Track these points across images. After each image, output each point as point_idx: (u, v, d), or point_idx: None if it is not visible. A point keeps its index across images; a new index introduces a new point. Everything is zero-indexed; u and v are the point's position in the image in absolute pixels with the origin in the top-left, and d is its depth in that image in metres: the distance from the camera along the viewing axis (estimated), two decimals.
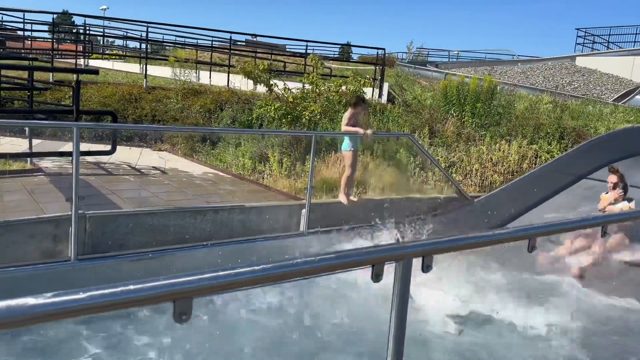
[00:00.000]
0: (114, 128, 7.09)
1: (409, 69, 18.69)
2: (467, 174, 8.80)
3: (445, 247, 1.67)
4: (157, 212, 5.53)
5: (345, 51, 27.71)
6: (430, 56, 29.07)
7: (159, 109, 10.89)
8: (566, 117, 10.72)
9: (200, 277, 1.17)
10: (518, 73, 21.17)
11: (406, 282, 1.57)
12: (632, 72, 21.02)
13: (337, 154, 8.42)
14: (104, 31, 18.73)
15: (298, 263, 1.35)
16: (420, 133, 9.69)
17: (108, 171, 7.95)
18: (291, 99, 9.30)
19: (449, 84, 11.28)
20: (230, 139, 9.34)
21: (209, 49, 17.05)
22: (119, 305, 1.07)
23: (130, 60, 19.47)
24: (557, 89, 17.08)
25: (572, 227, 2.13)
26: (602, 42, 26.56)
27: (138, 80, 13.33)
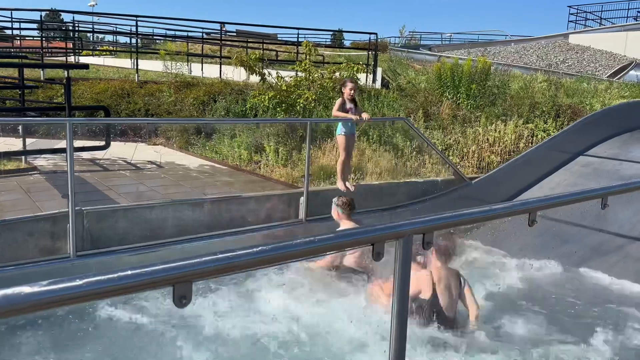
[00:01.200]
0: (107, 122, 7.03)
1: (401, 53, 18.58)
2: (464, 156, 8.79)
3: (445, 222, 1.65)
4: (155, 205, 5.50)
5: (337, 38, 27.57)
6: (423, 39, 28.92)
7: (151, 103, 10.82)
8: (561, 95, 10.69)
9: (199, 261, 1.15)
10: (511, 53, 21.11)
11: (407, 260, 1.55)
12: (626, 48, 20.96)
13: (332, 141, 8.39)
14: (93, 27, 18.54)
15: (299, 244, 1.33)
16: (415, 116, 9.66)
17: (104, 167, 7.91)
18: (285, 87, 9.24)
19: (443, 66, 11.22)
20: (225, 131, 9.29)
21: (199, 40, 16.92)
22: (117, 292, 1.05)
23: (121, 56, 19.31)
24: (551, 68, 17.02)
25: (572, 199, 2.11)
26: (595, 19, 26.47)
27: (129, 75, 13.23)
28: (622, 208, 6.54)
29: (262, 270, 4.42)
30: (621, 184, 2.40)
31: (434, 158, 8.15)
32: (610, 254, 5.95)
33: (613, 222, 6.43)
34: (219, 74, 13.37)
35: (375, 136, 8.69)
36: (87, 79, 12.08)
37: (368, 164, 7.93)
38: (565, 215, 6.54)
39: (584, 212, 6.37)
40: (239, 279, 4.63)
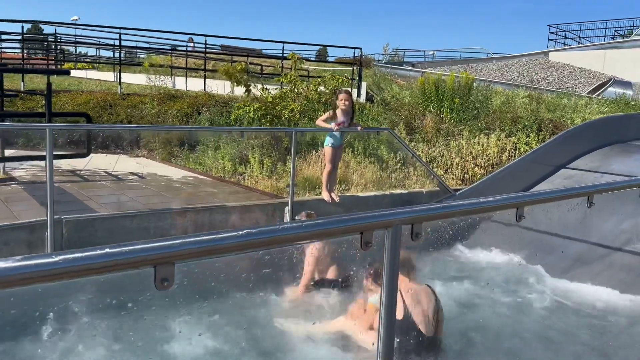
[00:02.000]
0: (88, 129, 6.92)
1: (385, 69, 18.77)
2: (448, 168, 8.84)
3: (435, 214, 1.63)
4: (136, 214, 5.41)
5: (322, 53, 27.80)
6: (407, 56, 29.29)
7: (134, 115, 10.72)
8: (542, 110, 10.86)
9: (183, 242, 1.10)
10: (493, 70, 21.46)
11: (395, 250, 1.52)
12: (604, 65, 21.48)
13: (317, 153, 8.38)
14: (76, 40, 18.41)
15: (285, 228, 1.30)
16: (399, 129, 9.71)
17: (84, 178, 7.77)
18: (270, 99, 9.23)
19: (427, 80, 11.34)
20: (209, 142, 9.23)
21: (183, 54, 16.89)
22: (95, 270, 1.00)
23: (103, 69, 19.18)
24: (532, 84, 17.33)
25: (559, 196, 2.11)
26: (574, 38, 27.13)
27: (112, 87, 13.12)
28: (605, 218, 6.61)
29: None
30: (607, 182, 2.41)
31: (419, 170, 8.18)
32: (593, 263, 5.99)
33: (596, 232, 6.49)
34: (203, 87, 13.33)
35: (360, 148, 8.71)
36: (68, 90, 11.94)
37: (353, 175, 7.92)
38: (550, 226, 6.60)
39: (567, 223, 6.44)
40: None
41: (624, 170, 8.09)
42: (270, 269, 2.89)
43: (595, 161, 9.01)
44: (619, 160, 8.89)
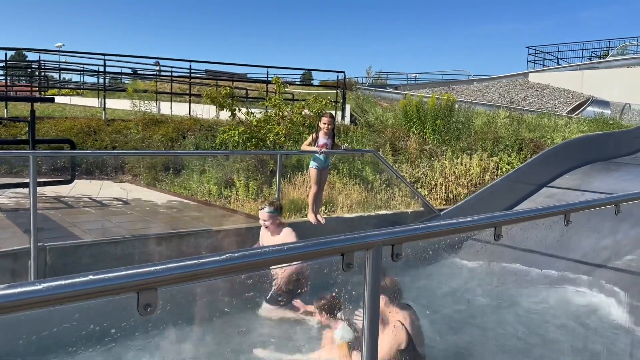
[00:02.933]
0: (71, 156, 6.89)
1: (369, 91, 19.02)
2: (432, 188, 8.93)
3: (415, 234, 1.67)
4: (120, 240, 5.37)
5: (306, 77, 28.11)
6: (389, 79, 29.72)
7: (119, 140, 10.70)
8: (523, 130, 11.07)
9: (165, 267, 1.12)
10: (474, 91, 21.85)
11: (376, 271, 1.55)
12: (582, 86, 22.01)
13: (303, 175, 8.42)
14: (60, 66, 18.42)
15: (267, 252, 1.32)
16: (384, 151, 9.81)
17: (68, 204, 7.70)
18: (255, 123, 9.30)
19: (409, 103, 11.51)
20: (195, 166, 9.23)
21: (168, 79, 16.96)
22: (78, 297, 1.02)
23: (88, 95, 19.18)
24: (513, 104, 17.67)
25: (536, 215, 2.17)
26: (552, 59, 27.79)
27: (96, 113, 13.10)
28: (585, 236, 6.71)
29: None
30: (583, 201, 2.48)
31: (404, 190, 8.25)
32: (577, 280, 6.06)
33: (577, 250, 6.58)
34: (188, 112, 13.37)
35: (345, 169, 8.77)
36: (52, 117, 11.90)
37: (339, 196, 7.96)
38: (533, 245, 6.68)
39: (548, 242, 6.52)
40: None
41: (605, 187, 8.25)
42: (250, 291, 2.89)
43: (576, 179, 9.19)
44: (600, 178, 9.07)
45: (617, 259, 6.31)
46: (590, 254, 6.58)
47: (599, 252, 6.59)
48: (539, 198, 8.53)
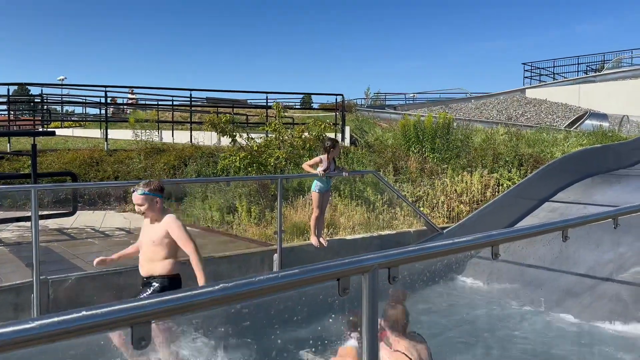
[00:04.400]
0: (73, 188, 6.93)
1: (368, 112, 19.15)
2: (434, 207, 8.91)
3: (411, 256, 1.67)
4: (123, 270, 5.35)
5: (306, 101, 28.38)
6: (388, 100, 29.98)
7: (121, 170, 10.76)
8: (522, 145, 11.09)
9: (159, 300, 1.13)
10: (472, 109, 21.96)
11: (374, 294, 1.55)
12: (580, 99, 22.11)
13: (304, 198, 8.44)
14: (62, 99, 18.64)
15: (261, 280, 1.33)
16: (385, 171, 9.84)
17: (71, 236, 7.71)
18: (255, 148, 9.35)
19: (407, 122, 11.58)
20: (197, 193, 9.25)
21: (169, 108, 17.14)
22: (72, 334, 1.02)
23: (90, 126, 19.36)
24: (511, 120, 17.74)
25: (533, 232, 2.17)
26: (548, 74, 27.98)
27: (99, 144, 13.20)
28: (590, 250, 6.68)
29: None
30: (579, 217, 2.48)
31: (405, 210, 8.24)
32: (582, 295, 6.00)
33: (582, 264, 6.54)
34: (189, 139, 13.47)
35: (347, 191, 8.78)
36: (55, 149, 12.00)
37: (341, 218, 7.96)
38: (537, 260, 6.65)
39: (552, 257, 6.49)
40: None
41: (606, 200, 8.23)
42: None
43: (577, 193, 9.17)
44: (601, 191, 9.05)
45: (623, 272, 6.26)
46: (595, 267, 6.54)
47: (605, 265, 6.55)
48: (541, 213, 8.50)
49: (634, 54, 26.72)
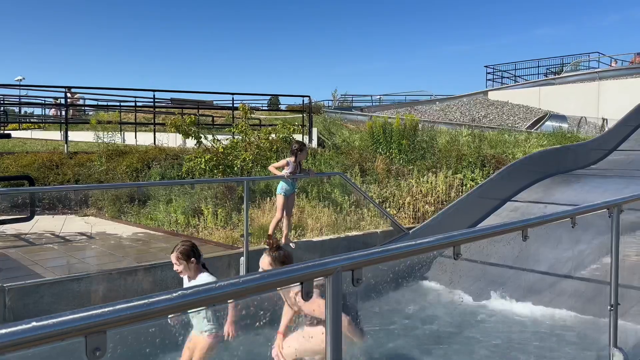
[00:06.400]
0: (30, 192, 6.71)
1: (335, 114, 19.23)
2: (400, 207, 9.01)
3: (374, 258, 1.67)
4: (84, 277, 5.21)
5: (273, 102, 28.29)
6: (355, 101, 30.17)
7: (82, 173, 10.47)
8: (485, 147, 11.33)
9: (113, 309, 1.09)
10: (437, 111, 22.33)
11: (338, 297, 1.55)
12: (540, 101, 22.77)
13: (272, 200, 8.39)
14: (20, 100, 18.02)
15: (221, 286, 1.30)
16: (352, 172, 9.89)
17: (29, 242, 7.45)
18: (221, 150, 9.25)
19: (374, 124, 11.68)
20: (161, 196, 9.08)
21: (132, 109, 16.78)
22: (23, 345, 0.98)
23: (50, 128, 18.78)
24: (474, 122, 18.10)
25: (494, 232, 2.21)
26: (510, 77, 28.72)
27: (59, 146, 12.82)
28: (550, 248, 6.86)
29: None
30: (538, 217, 2.54)
31: (373, 211, 8.30)
32: (544, 292, 6.17)
33: (543, 262, 6.71)
34: (153, 141, 13.22)
35: (314, 192, 8.78)
36: (12, 152, 11.59)
37: (308, 219, 7.95)
38: (500, 258, 6.80)
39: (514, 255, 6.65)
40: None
41: (565, 199, 8.48)
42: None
43: (538, 192, 9.42)
44: (561, 190, 9.32)
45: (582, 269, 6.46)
46: (555, 265, 6.72)
47: (565, 263, 6.75)
48: (503, 212, 8.69)
49: (591, 57, 27.71)
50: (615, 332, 3.05)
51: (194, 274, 3.98)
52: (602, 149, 12.09)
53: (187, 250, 3.96)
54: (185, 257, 3.93)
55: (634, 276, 5.18)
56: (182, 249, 3.95)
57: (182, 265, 3.94)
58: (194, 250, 3.99)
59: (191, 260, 3.94)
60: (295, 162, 6.38)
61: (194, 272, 3.97)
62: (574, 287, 6.11)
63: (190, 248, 3.99)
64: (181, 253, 3.93)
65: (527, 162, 9.81)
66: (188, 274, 3.98)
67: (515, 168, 9.46)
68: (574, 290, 6.06)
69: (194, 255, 3.95)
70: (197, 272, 3.98)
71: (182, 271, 3.97)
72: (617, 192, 8.01)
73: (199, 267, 4.00)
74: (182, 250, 3.94)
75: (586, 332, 5.13)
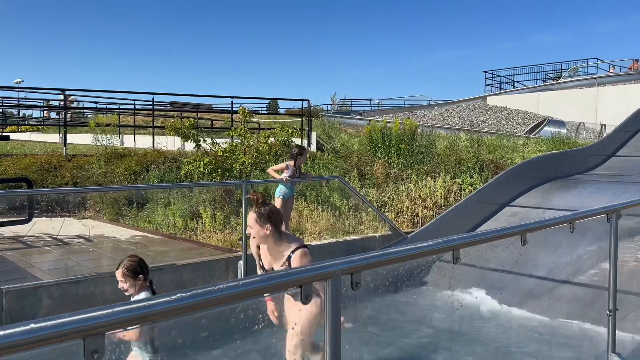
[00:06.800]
0: (28, 194, 6.70)
1: (334, 118, 19.26)
2: (398, 212, 9.01)
3: (373, 262, 1.67)
4: (82, 280, 5.19)
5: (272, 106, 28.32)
6: (354, 106, 30.23)
7: (80, 176, 10.46)
8: (484, 151, 11.35)
9: (112, 311, 1.09)
10: (435, 115, 22.37)
11: (337, 300, 1.54)
12: (538, 107, 22.82)
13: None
14: (19, 102, 18.02)
15: (221, 289, 1.30)
16: (351, 176, 9.89)
17: (27, 244, 7.44)
18: (220, 153, 9.25)
19: (373, 128, 11.70)
20: (159, 199, 9.07)
21: (131, 112, 16.78)
22: (20, 347, 0.97)
23: (48, 130, 18.76)
24: (473, 127, 18.14)
25: (493, 236, 2.21)
26: (508, 82, 28.79)
27: (57, 149, 12.81)
28: (549, 253, 6.86)
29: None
30: (537, 221, 2.54)
31: (371, 215, 8.30)
32: (542, 297, 6.16)
33: (542, 267, 6.71)
34: (152, 144, 13.21)
35: (313, 196, 8.78)
36: (10, 154, 11.57)
37: (307, 223, 7.95)
38: (498, 263, 6.79)
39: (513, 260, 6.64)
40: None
41: (564, 204, 8.48)
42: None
43: (537, 197, 9.42)
44: (559, 195, 9.32)
45: (580, 274, 6.46)
46: (554, 270, 6.72)
47: (563, 268, 6.74)
48: (502, 217, 8.69)
49: (589, 63, 27.80)
50: (613, 337, 3.05)
51: (138, 292, 3.59)
52: (600, 155, 12.11)
53: (134, 267, 3.59)
54: (132, 273, 3.55)
55: (633, 282, 5.18)
56: (129, 265, 3.57)
57: (128, 283, 3.56)
58: (141, 265, 3.63)
59: (138, 278, 3.56)
60: (294, 166, 6.39)
61: (138, 290, 3.58)
62: (572, 292, 6.10)
63: (138, 264, 3.62)
64: (127, 269, 3.55)
65: (525, 168, 9.82)
66: (133, 291, 3.59)
67: (514, 173, 9.47)
68: (573, 295, 6.06)
69: (141, 272, 3.59)
70: (142, 290, 3.60)
71: (128, 289, 3.57)
72: (615, 197, 8.03)
73: (145, 285, 3.62)
74: (128, 267, 3.56)
75: (584, 337, 5.12)
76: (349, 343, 3.32)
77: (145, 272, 3.60)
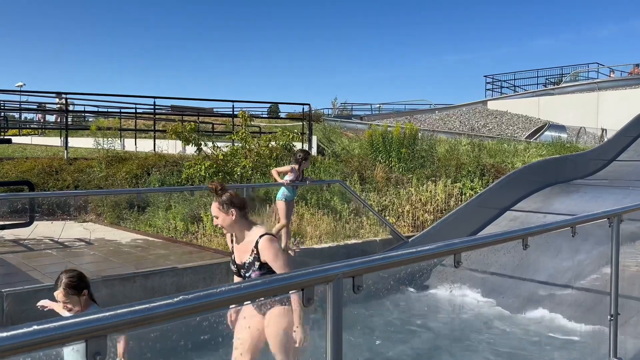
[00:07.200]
0: (30, 197, 6.70)
1: (335, 122, 19.28)
2: (399, 216, 9.01)
3: (374, 265, 1.67)
4: None
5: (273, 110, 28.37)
6: (354, 110, 30.27)
7: (81, 179, 10.46)
8: (484, 156, 11.35)
9: (114, 313, 1.09)
10: (436, 120, 22.38)
11: (339, 303, 1.54)
12: (539, 111, 22.83)
13: (271, 207, 8.39)
14: (20, 106, 18.06)
15: (223, 291, 1.30)
16: (351, 180, 9.89)
17: (28, 247, 7.43)
18: (221, 157, 9.26)
19: (374, 132, 11.71)
20: (160, 203, 9.07)
21: (132, 115, 16.80)
22: (23, 349, 0.98)
23: (50, 134, 18.80)
24: (473, 132, 18.15)
25: (494, 240, 2.21)
26: (509, 87, 28.81)
27: (58, 152, 12.82)
28: (550, 258, 6.86)
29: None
30: (539, 225, 2.54)
31: (372, 219, 8.29)
32: (543, 301, 6.15)
33: (543, 271, 6.71)
34: (153, 148, 13.22)
35: (313, 200, 8.79)
36: (12, 158, 11.58)
37: (308, 227, 7.94)
38: (500, 267, 6.79)
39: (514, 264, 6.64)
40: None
41: (565, 209, 8.48)
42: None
43: (537, 202, 9.42)
44: (560, 200, 9.33)
45: (581, 279, 6.45)
46: (555, 274, 6.71)
47: (564, 273, 6.73)
48: (502, 221, 8.69)
49: (590, 68, 27.83)
50: (615, 342, 3.04)
51: (84, 309, 3.13)
52: (601, 159, 12.11)
53: (75, 282, 3.10)
54: (74, 290, 3.08)
55: (634, 286, 5.17)
56: (69, 282, 3.07)
57: (71, 302, 3.09)
58: (82, 279, 3.16)
59: (83, 293, 3.11)
60: (298, 170, 6.42)
61: (84, 306, 3.12)
62: (573, 297, 6.09)
63: (78, 277, 3.15)
64: (69, 287, 3.05)
65: (526, 172, 9.83)
66: (79, 309, 3.11)
67: (515, 177, 9.48)
68: (574, 299, 6.05)
69: (85, 286, 3.15)
70: (88, 306, 3.16)
71: (73, 308, 3.10)
72: (616, 202, 8.02)
73: (89, 300, 3.18)
74: (68, 284, 3.06)
75: (586, 342, 5.11)
76: (349, 345, 3.32)
77: (88, 285, 3.17)
